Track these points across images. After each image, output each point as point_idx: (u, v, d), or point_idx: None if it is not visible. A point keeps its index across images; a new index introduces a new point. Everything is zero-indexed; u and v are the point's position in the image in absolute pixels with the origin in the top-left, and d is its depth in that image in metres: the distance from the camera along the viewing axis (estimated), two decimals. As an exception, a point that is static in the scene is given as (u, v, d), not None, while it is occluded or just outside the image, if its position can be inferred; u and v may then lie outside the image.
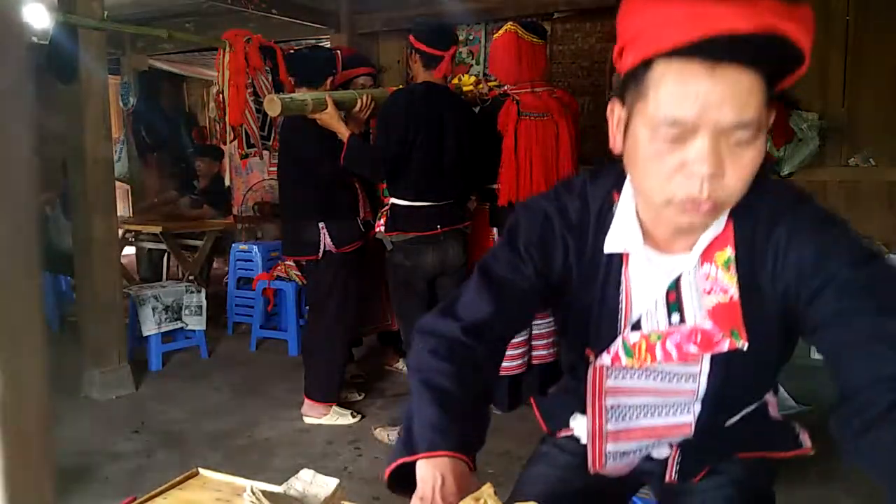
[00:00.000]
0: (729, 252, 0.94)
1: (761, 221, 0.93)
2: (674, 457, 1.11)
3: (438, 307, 1.05)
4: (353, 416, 3.39)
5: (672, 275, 0.97)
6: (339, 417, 3.37)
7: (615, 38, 0.92)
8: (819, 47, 3.96)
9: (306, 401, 3.39)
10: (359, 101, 3.15)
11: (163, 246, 5.57)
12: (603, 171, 1.04)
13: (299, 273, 4.38)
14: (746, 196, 0.89)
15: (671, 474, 1.12)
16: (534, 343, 3.28)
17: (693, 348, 0.97)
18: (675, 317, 0.98)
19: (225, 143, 4.53)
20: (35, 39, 4.21)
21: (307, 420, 3.38)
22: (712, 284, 0.95)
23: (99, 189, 3.65)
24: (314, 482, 1.11)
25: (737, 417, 1.11)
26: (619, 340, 1.02)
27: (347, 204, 3.32)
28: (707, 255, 0.95)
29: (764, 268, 0.93)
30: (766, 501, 1.16)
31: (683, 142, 0.83)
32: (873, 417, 0.80)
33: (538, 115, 3.17)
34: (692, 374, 1.01)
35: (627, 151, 0.92)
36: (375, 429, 3.24)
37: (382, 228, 3.07)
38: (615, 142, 0.94)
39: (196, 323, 4.34)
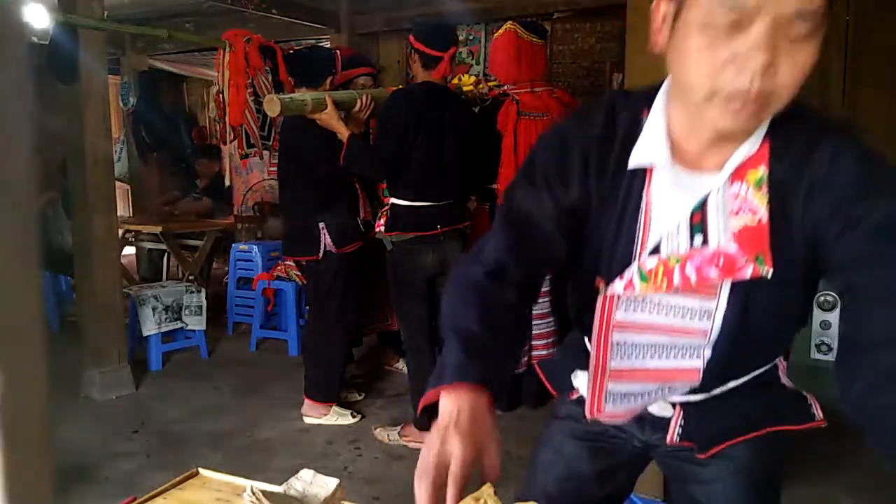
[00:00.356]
0: (762, 171, 0.89)
1: (801, 142, 0.88)
2: (676, 418, 1.06)
3: (470, 252, 1.02)
4: (353, 416, 3.39)
5: (699, 194, 0.91)
6: (339, 417, 3.37)
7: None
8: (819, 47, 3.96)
9: (306, 401, 3.39)
10: (358, 101, 3.15)
11: (163, 246, 5.57)
12: (634, 90, 1.01)
13: (299, 273, 4.38)
14: (788, 114, 0.85)
15: (672, 436, 1.07)
16: (534, 343, 3.28)
17: (714, 272, 0.90)
18: (698, 239, 0.92)
19: (225, 143, 4.53)
20: (35, 39, 4.21)
21: (307, 420, 3.38)
22: (741, 205, 0.89)
23: (99, 189, 3.65)
24: (314, 482, 1.11)
25: (746, 378, 1.04)
26: (634, 266, 0.95)
27: (348, 204, 3.32)
28: (738, 174, 0.90)
29: (798, 190, 0.87)
30: (775, 489, 1.12)
31: (738, 31, 0.79)
32: (881, 378, 0.76)
33: (538, 114, 3.17)
34: (707, 310, 0.95)
35: (674, 46, 0.86)
36: (375, 429, 3.24)
37: (382, 228, 3.07)
38: (659, 38, 0.89)
39: (196, 323, 4.34)
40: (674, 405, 1.07)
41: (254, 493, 1.05)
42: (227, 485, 1.24)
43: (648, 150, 0.93)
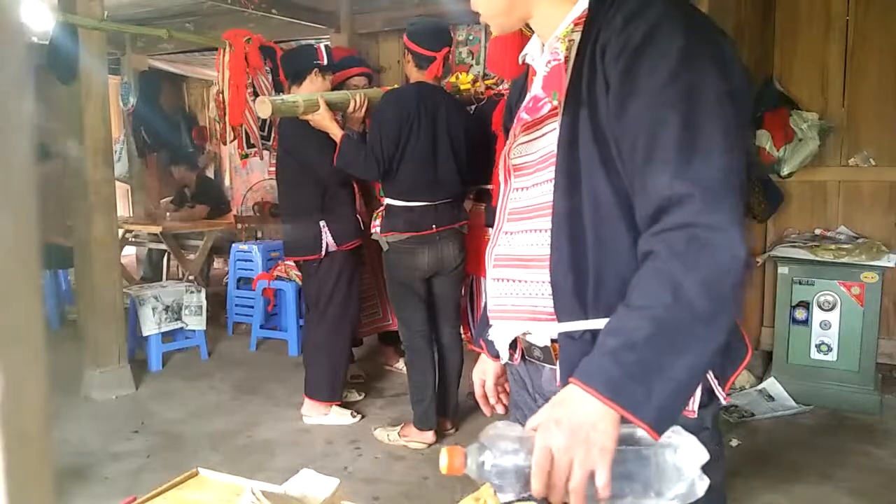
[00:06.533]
0: (571, 27, 1.00)
1: (614, 7, 0.95)
2: (558, 354, 1.00)
3: None
4: (353, 416, 3.39)
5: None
6: (339, 417, 3.37)
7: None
8: (819, 47, 3.96)
9: (306, 400, 3.39)
10: (352, 102, 3.13)
11: (163, 246, 5.57)
12: None
13: (299, 273, 4.38)
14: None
15: (560, 376, 0.98)
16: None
17: (525, 115, 1.02)
18: (528, 95, 1.06)
19: (225, 143, 4.53)
20: (35, 39, 4.21)
21: (307, 420, 3.38)
22: (551, 56, 1.01)
23: (99, 189, 3.66)
24: (314, 482, 1.11)
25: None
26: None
27: (347, 201, 3.32)
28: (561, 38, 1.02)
29: (593, 40, 0.95)
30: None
31: None
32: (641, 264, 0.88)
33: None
34: (548, 178, 0.98)
35: None
36: (375, 429, 3.24)
37: (378, 229, 3.07)
38: None
39: (196, 323, 4.34)
40: (552, 340, 1.01)
41: (254, 494, 1.05)
42: (227, 485, 1.24)
43: (530, 46, 1.10)
